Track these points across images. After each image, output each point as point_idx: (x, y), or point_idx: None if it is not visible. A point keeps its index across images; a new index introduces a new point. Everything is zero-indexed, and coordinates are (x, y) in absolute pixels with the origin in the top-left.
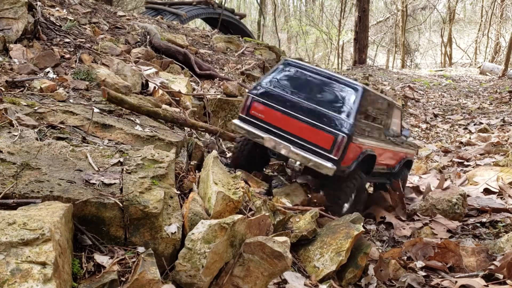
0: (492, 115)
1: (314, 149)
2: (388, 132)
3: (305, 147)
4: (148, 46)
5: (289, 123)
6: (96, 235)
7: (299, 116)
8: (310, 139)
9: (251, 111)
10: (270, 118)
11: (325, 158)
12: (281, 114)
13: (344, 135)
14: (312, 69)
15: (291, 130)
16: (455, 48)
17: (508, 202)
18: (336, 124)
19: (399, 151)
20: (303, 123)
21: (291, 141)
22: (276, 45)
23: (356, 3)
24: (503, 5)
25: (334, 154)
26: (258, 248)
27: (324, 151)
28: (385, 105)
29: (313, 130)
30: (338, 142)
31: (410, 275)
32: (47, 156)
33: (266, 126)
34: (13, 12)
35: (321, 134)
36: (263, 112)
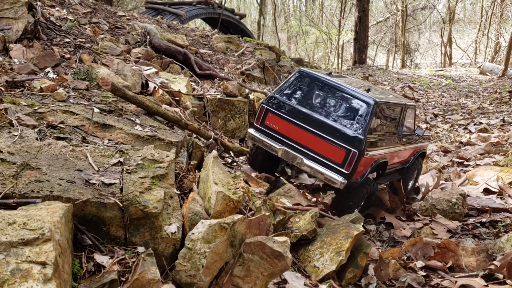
0: (492, 115)
1: (326, 162)
2: (401, 133)
3: (317, 160)
4: (148, 46)
5: (302, 135)
6: (96, 235)
7: (312, 130)
8: (322, 153)
9: (265, 122)
10: (284, 130)
11: (336, 171)
12: (295, 126)
13: (356, 150)
14: (326, 80)
15: (304, 143)
16: (455, 48)
17: (508, 202)
18: (348, 139)
19: (411, 147)
20: (316, 137)
21: (304, 153)
22: (276, 45)
23: (356, 3)
24: (503, 5)
25: (346, 168)
26: (258, 248)
27: (335, 165)
28: (399, 109)
29: (325, 144)
30: (350, 157)
31: (410, 275)
32: (47, 156)
33: (280, 137)
34: (13, 12)
35: (333, 148)
36: (278, 124)
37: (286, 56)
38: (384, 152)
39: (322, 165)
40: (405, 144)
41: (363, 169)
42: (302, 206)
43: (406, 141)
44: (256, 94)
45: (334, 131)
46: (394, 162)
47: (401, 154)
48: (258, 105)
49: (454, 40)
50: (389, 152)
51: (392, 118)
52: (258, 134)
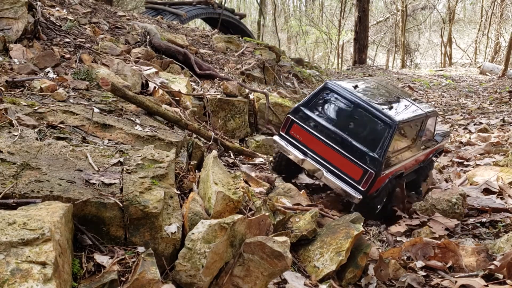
0: (492, 115)
1: (345, 178)
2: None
3: (336, 174)
4: (148, 46)
5: (324, 149)
6: (96, 235)
7: (333, 146)
8: (341, 168)
9: (290, 131)
10: (307, 142)
11: (353, 187)
12: (317, 140)
13: (373, 171)
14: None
15: (325, 156)
16: (455, 48)
17: (508, 202)
18: (367, 159)
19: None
20: (337, 152)
21: (324, 166)
22: (276, 45)
23: (356, 3)
24: (503, 5)
25: (362, 186)
26: (258, 248)
27: (353, 181)
28: (420, 121)
29: (345, 161)
30: (367, 177)
31: (410, 275)
32: (47, 156)
33: (303, 148)
34: (13, 12)
35: (352, 166)
36: (302, 135)
37: (286, 56)
38: (401, 165)
39: (341, 180)
40: (423, 150)
41: (379, 185)
42: (302, 206)
43: (424, 147)
44: (256, 94)
45: (354, 149)
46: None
47: (418, 159)
48: (258, 105)
49: (454, 40)
50: (405, 164)
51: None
52: (282, 142)
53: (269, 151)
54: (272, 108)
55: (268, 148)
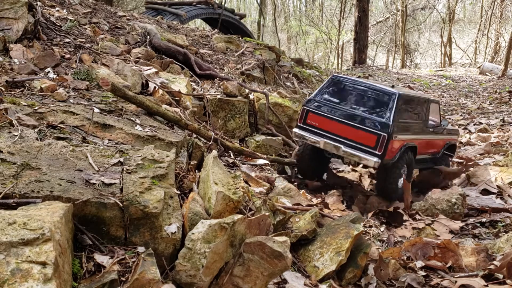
0: (491, 115)
1: (361, 148)
2: (427, 124)
3: (353, 146)
4: (148, 46)
5: (339, 127)
6: (96, 235)
7: (346, 121)
8: (357, 140)
9: (307, 120)
10: (323, 125)
11: (370, 154)
12: (332, 121)
13: (385, 134)
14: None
15: (341, 134)
16: (455, 48)
17: (508, 202)
18: (378, 125)
19: (439, 138)
20: (351, 127)
21: (342, 142)
22: (276, 45)
23: (356, 3)
24: (503, 5)
25: (378, 150)
26: (258, 248)
27: (369, 148)
28: (422, 102)
29: (359, 132)
30: (381, 140)
31: (410, 275)
32: (47, 156)
33: (320, 132)
34: (13, 12)
35: (366, 135)
36: (317, 121)
37: (286, 56)
38: (412, 137)
39: (358, 150)
40: (432, 134)
41: (394, 151)
42: (302, 206)
43: (433, 131)
44: (256, 94)
45: (365, 120)
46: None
47: (431, 143)
48: (258, 105)
49: (454, 40)
50: (417, 139)
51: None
52: (301, 132)
53: (269, 151)
54: (272, 108)
55: (268, 148)
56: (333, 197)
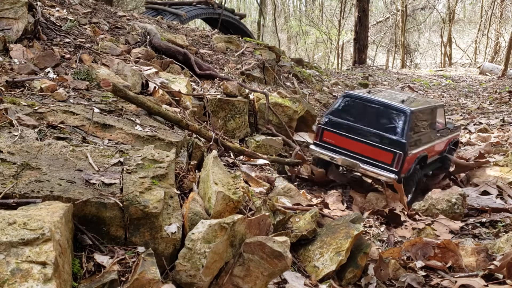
0: (492, 115)
1: (378, 164)
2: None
3: (370, 163)
4: (148, 46)
5: (355, 145)
6: (96, 235)
7: (363, 140)
8: (374, 157)
9: (323, 138)
10: (340, 143)
11: (387, 170)
12: (348, 139)
13: (401, 152)
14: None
15: (358, 151)
16: (455, 48)
17: (508, 202)
18: (393, 143)
19: (445, 140)
20: (367, 145)
21: (359, 159)
22: (276, 45)
23: (356, 3)
24: (503, 5)
25: (395, 167)
26: (258, 248)
27: (386, 165)
28: (430, 111)
29: (375, 150)
30: (397, 158)
31: (410, 275)
32: (47, 156)
33: (337, 149)
34: (13, 12)
35: (382, 152)
36: (334, 138)
37: (286, 56)
38: (423, 148)
39: (375, 167)
40: (439, 138)
41: (408, 165)
42: (302, 206)
43: (440, 135)
44: (256, 94)
45: (381, 138)
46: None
47: (438, 146)
48: (258, 105)
49: (454, 40)
50: (427, 148)
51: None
52: (318, 149)
53: (269, 151)
54: (272, 108)
55: (268, 148)
56: (333, 197)
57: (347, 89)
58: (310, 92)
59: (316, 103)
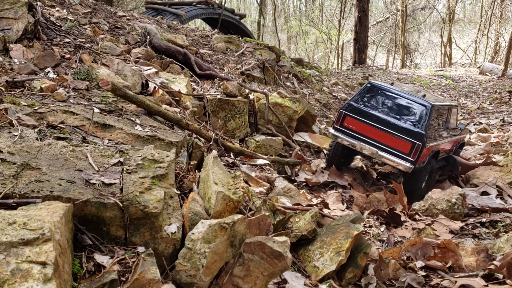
0: (491, 115)
1: (396, 153)
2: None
3: (388, 151)
4: (148, 46)
5: (375, 133)
6: (96, 235)
7: (383, 128)
8: (392, 145)
9: (344, 123)
10: (360, 129)
11: (404, 159)
12: (369, 126)
13: (420, 143)
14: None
15: (377, 138)
16: (455, 48)
17: (508, 202)
18: (413, 134)
19: (455, 139)
20: (387, 133)
21: (377, 147)
22: (276, 45)
23: (356, 3)
24: (502, 5)
25: (412, 157)
26: (258, 248)
27: (404, 154)
28: (447, 109)
29: (395, 139)
30: (415, 148)
31: (410, 275)
32: (47, 156)
33: (357, 135)
34: (13, 12)
35: (401, 142)
36: (354, 124)
37: (286, 56)
38: (437, 143)
39: (393, 155)
40: (450, 136)
41: (424, 157)
42: (302, 206)
43: (452, 134)
44: (256, 94)
45: (401, 128)
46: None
47: (449, 144)
48: (258, 105)
49: (454, 40)
50: (440, 144)
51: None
52: (337, 133)
53: (269, 151)
54: (272, 108)
55: (268, 148)
56: (333, 197)
57: (347, 89)
58: (310, 92)
59: (316, 103)
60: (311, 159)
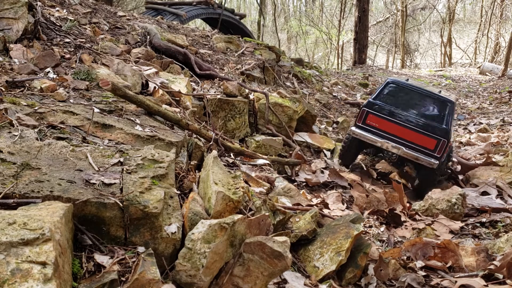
0: (491, 115)
1: (421, 150)
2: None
3: (413, 148)
4: (148, 46)
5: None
6: (96, 235)
7: (407, 125)
8: (417, 142)
9: (367, 121)
10: (383, 127)
11: (429, 156)
12: (393, 123)
13: (445, 139)
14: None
15: (401, 136)
16: (455, 48)
17: (508, 202)
18: (438, 131)
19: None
20: (411, 130)
21: (402, 144)
22: (276, 45)
23: (356, 3)
24: (503, 5)
25: (437, 153)
26: (258, 248)
27: (429, 151)
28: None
29: (419, 136)
30: (440, 145)
31: (410, 275)
32: (47, 156)
33: (381, 133)
34: (13, 12)
35: (427, 139)
36: (377, 122)
37: (286, 56)
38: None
39: (418, 152)
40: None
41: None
42: (302, 206)
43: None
44: (256, 94)
45: (426, 125)
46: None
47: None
48: (258, 105)
49: (454, 40)
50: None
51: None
52: (360, 131)
53: (269, 151)
54: (272, 108)
55: (268, 148)
56: (333, 197)
57: (347, 89)
58: (310, 92)
59: (316, 103)
60: (311, 159)
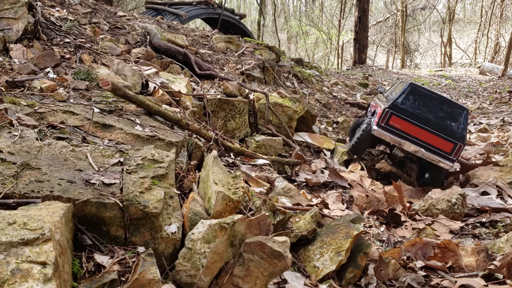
0: (491, 115)
1: (438, 152)
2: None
3: (431, 150)
4: (148, 46)
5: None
6: (96, 235)
7: (427, 128)
8: (435, 145)
9: (389, 122)
10: (405, 128)
11: (446, 158)
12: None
13: (462, 143)
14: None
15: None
16: (455, 48)
17: (508, 202)
18: (456, 136)
19: None
20: (431, 133)
21: (421, 145)
22: (276, 45)
23: (356, 3)
24: (503, 5)
25: (453, 156)
26: (258, 248)
27: (445, 153)
28: None
29: (438, 139)
30: (457, 148)
31: (410, 275)
32: (47, 156)
33: (402, 134)
34: (13, 12)
35: (445, 142)
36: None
37: (286, 56)
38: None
39: (435, 154)
40: None
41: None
42: (302, 206)
43: None
44: (256, 94)
45: (445, 129)
46: None
47: None
48: (258, 105)
49: (454, 40)
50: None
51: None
52: (382, 131)
53: (269, 151)
54: (272, 108)
55: (268, 148)
56: (333, 197)
57: (347, 89)
58: (310, 92)
59: (316, 103)
60: (311, 159)
